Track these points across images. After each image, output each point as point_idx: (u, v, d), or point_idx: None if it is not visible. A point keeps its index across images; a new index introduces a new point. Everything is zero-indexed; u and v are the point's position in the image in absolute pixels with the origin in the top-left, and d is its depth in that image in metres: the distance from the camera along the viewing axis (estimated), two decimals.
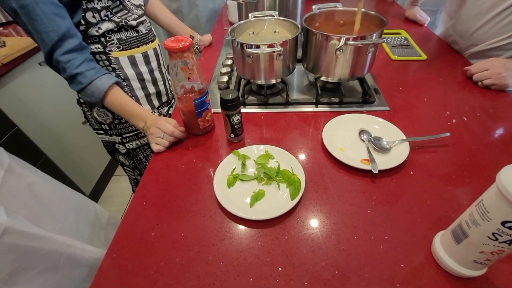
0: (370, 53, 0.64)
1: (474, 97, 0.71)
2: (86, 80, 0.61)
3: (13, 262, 0.55)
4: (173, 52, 0.52)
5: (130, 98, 0.67)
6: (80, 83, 0.61)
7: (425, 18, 1.10)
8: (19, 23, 0.57)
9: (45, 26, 0.56)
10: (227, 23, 1.25)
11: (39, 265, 0.59)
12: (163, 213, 0.49)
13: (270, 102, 0.73)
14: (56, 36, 0.57)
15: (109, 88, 0.63)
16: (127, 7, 0.70)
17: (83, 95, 0.64)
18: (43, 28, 0.56)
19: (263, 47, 0.63)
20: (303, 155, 0.58)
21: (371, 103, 0.71)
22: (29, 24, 0.56)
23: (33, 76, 1.17)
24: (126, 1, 0.70)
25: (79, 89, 0.62)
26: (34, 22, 0.55)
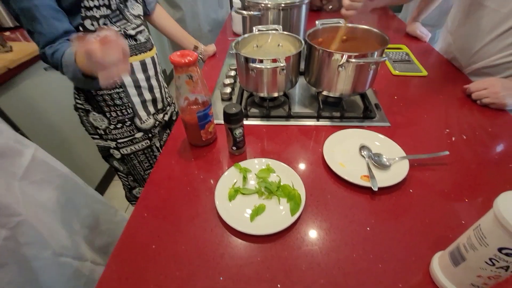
0: (372, 70, 0.66)
1: (474, 115, 0.72)
2: (60, 54, 0.59)
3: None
4: (179, 66, 0.53)
5: None
6: (59, 61, 0.60)
7: (426, 34, 1.12)
8: (20, 23, 0.59)
9: (44, 28, 0.58)
10: (231, 33, 1.27)
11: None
12: (164, 225, 0.49)
13: (272, 115, 0.74)
14: (53, 36, 0.59)
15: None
16: (126, 17, 0.72)
17: (68, 75, 0.62)
18: (42, 30, 0.58)
19: (267, 61, 0.64)
20: (304, 169, 0.59)
21: (371, 119, 0.71)
22: (29, 25, 0.58)
23: (38, 81, 1.18)
24: (126, 11, 0.72)
25: (62, 68, 0.60)
26: (34, 23, 0.58)
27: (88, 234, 0.76)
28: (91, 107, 0.76)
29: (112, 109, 0.76)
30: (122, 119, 0.79)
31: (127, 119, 0.79)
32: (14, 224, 0.55)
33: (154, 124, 0.86)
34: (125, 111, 0.78)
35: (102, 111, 0.76)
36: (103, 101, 0.75)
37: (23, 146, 0.64)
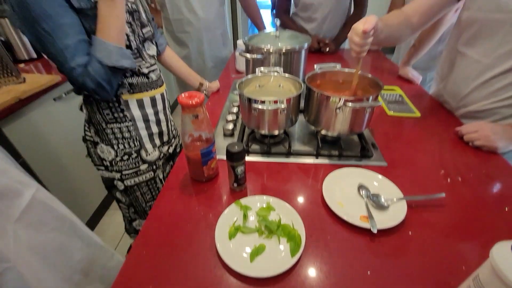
0: (368, 112, 0.69)
1: (467, 157, 0.75)
2: (93, 56, 0.60)
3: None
4: (187, 107, 0.56)
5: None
6: (95, 60, 0.60)
7: (417, 77, 1.19)
8: (42, 45, 0.58)
9: (69, 38, 0.57)
10: (234, 70, 1.35)
11: None
12: (163, 264, 0.49)
13: (272, 152, 0.76)
14: (80, 44, 0.59)
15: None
16: (143, 56, 0.77)
17: (109, 59, 0.61)
18: (68, 41, 0.57)
19: (269, 103, 0.68)
20: (304, 208, 0.60)
21: (369, 158, 0.74)
22: (53, 43, 0.57)
23: (46, 111, 1.22)
24: (143, 51, 0.77)
25: (102, 61, 0.60)
26: (59, 39, 0.57)
27: (79, 281, 0.73)
28: (99, 139, 0.79)
29: (120, 142, 0.79)
30: (129, 151, 0.81)
31: (134, 152, 0.81)
32: (1, 270, 0.53)
33: (159, 156, 0.88)
34: (132, 144, 0.80)
35: (110, 144, 0.78)
36: (112, 134, 0.77)
37: (24, 187, 0.63)
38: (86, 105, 0.75)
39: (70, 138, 1.34)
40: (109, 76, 0.63)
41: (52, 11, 0.55)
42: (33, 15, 0.54)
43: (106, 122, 0.76)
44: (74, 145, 1.34)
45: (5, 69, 1.13)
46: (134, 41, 0.71)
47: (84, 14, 0.59)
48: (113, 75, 0.64)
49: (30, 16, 0.54)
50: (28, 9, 0.53)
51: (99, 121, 0.76)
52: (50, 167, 1.26)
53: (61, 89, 1.27)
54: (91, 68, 0.60)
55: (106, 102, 0.73)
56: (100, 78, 0.61)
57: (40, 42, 0.58)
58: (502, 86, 0.75)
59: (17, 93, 1.08)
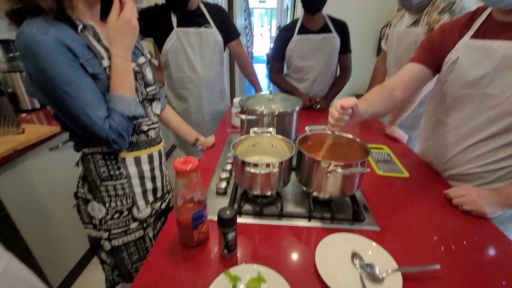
0: (358, 176, 0.72)
1: (458, 222, 0.75)
2: (112, 108, 0.65)
3: None
4: (181, 172, 0.57)
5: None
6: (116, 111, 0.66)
7: (403, 136, 1.25)
8: (62, 111, 0.63)
9: (89, 96, 0.62)
10: (230, 125, 1.41)
11: None
12: None
13: (264, 213, 0.76)
14: (100, 101, 0.65)
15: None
16: (148, 114, 0.80)
17: (129, 106, 0.67)
18: (88, 99, 0.62)
19: (261, 166, 0.70)
20: (296, 278, 0.57)
21: (361, 222, 0.74)
22: (75, 106, 0.61)
23: (40, 161, 1.22)
24: (149, 109, 0.81)
25: (122, 110, 0.66)
26: (81, 100, 0.61)
27: None
28: (92, 197, 0.78)
29: (112, 199, 0.78)
30: (121, 209, 0.79)
31: (125, 209, 0.80)
32: None
33: (151, 213, 0.86)
34: (124, 201, 0.79)
35: (102, 201, 0.77)
36: (106, 191, 0.77)
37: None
38: (84, 162, 0.76)
39: (59, 191, 1.32)
40: (128, 126, 0.69)
41: (73, 75, 0.60)
42: (55, 82, 0.58)
43: (101, 179, 0.76)
44: (61, 197, 1.33)
45: (6, 120, 1.17)
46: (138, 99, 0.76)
47: (96, 78, 0.65)
48: (131, 124, 0.70)
49: (52, 83, 0.58)
50: (50, 76, 0.57)
51: (94, 179, 0.76)
52: (33, 220, 1.21)
53: (59, 139, 1.29)
54: (112, 121, 0.65)
55: (103, 160, 0.74)
56: (121, 129, 0.66)
57: (61, 105, 0.61)
58: (483, 152, 0.79)
59: (14, 144, 1.09)
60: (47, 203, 1.26)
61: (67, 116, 0.63)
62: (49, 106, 0.64)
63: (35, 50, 0.55)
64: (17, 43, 0.57)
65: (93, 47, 0.64)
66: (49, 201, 1.27)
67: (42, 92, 0.61)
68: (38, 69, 0.57)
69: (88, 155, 0.74)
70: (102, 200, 0.77)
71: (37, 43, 0.55)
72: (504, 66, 0.71)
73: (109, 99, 0.65)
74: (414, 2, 1.18)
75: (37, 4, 0.57)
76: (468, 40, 0.79)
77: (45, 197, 1.25)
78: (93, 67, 0.63)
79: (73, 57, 0.60)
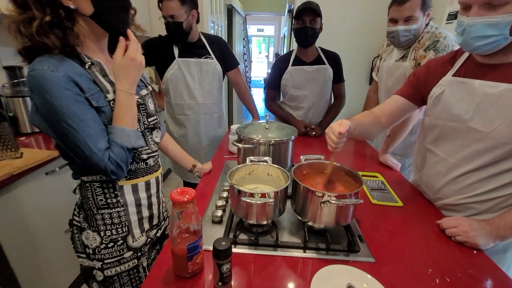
0: (352, 207, 0.73)
1: (452, 253, 0.76)
2: (113, 141, 0.68)
3: None
4: (178, 203, 0.58)
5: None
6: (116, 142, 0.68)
7: (396, 164, 1.28)
8: (65, 143, 0.65)
9: (92, 128, 0.65)
10: (227, 151, 1.43)
11: None
12: None
13: (260, 243, 0.76)
14: (102, 133, 0.67)
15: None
16: (148, 142, 0.82)
17: (129, 136, 0.70)
18: (91, 130, 0.64)
19: (257, 196, 0.71)
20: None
21: (356, 252, 0.74)
22: (77, 137, 0.63)
23: (36, 185, 1.22)
24: (149, 138, 0.84)
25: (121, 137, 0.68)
26: (83, 132, 0.63)
27: None
28: (87, 225, 0.77)
29: (107, 228, 0.77)
30: (115, 238, 0.78)
31: (120, 238, 0.79)
32: None
33: (146, 242, 0.85)
34: (120, 230, 0.79)
35: (97, 230, 0.77)
36: (102, 220, 0.76)
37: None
38: (82, 190, 0.77)
39: (51, 217, 1.30)
40: (127, 157, 0.71)
41: (77, 109, 0.62)
42: (60, 114, 0.61)
43: (98, 207, 0.76)
44: (52, 224, 1.31)
45: (6, 144, 1.18)
46: (139, 129, 0.78)
47: (100, 110, 0.68)
48: (130, 155, 0.72)
49: (57, 115, 0.61)
50: (56, 110, 0.60)
51: (91, 207, 0.76)
52: (22, 247, 1.18)
53: (56, 163, 1.30)
54: (112, 153, 0.67)
55: (101, 188, 0.75)
56: (120, 160, 0.68)
57: (63, 136, 0.63)
58: (472, 182, 0.82)
59: (11, 169, 1.09)
60: (37, 230, 1.24)
61: (69, 147, 0.65)
62: (51, 136, 0.66)
63: (45, 86, 0.59)
64: (28, 78, 0.60)
65: (99, 82, 0.68)
66: (40, 228, 1.25)
67: (46, 123, 0.64)
68: (46, 103, 0.60)
69: (87, 183, 0.75)
70: (97, 229, 0.76)
71: (47, 80, 0.59)
72: (485, 103, 0.76)
73: (110, 131, 0.68)
74: (401, 40, 1.27)
75: (45, 43, 0.61)
76: (451, 77, 0.85)
77: (37, 223, 1.23)
78: (98, 100, 0.66)
79: (80, 92, 0.63)
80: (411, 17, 1.21)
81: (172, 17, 1.38)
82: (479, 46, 0.72)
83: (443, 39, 1.20)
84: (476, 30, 0.70)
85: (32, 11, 0.59)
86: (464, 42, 0.75)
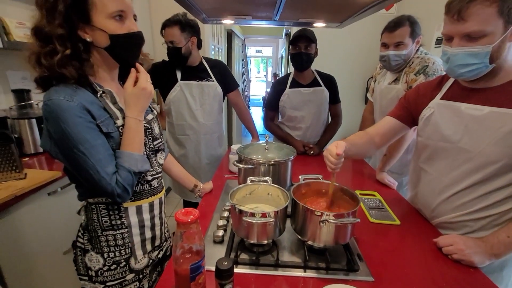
0: (350, 226, 0.75)
1: (450, 271, 0.77)
2: (121, 166, 0.71)
3: None
4: (182, 224, 0.61)
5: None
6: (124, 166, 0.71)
7: (393, 183, 1.31)
8: (74, 167, 0.68)
9: (101, 153, 0.68)
10: (227, 171, 1.46)
11: None
12: None
13: (261, 263, 0.77)
14: (110, 157, 0.70)
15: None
16: (152, 164, 0.85)
17: (137, 162, 0.73)
18: (100, 155, 0.67)
19: (258, 215, 0.73)
20: None
21: (355, 271, 0.75)
22: (86, 161, 0.66)
23: (38, 206, 1.23)
24: (153, 160, 0.86)
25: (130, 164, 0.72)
26: (92, 157, 0.66)
27: None
28: (91, 247, 0.78)
29: (111, 250, 0.78)
30: (118, 260, 0.79)
31: (123, 260, 0.80)
32: None
33: (147, 264, 0.86)
34: (123, 251, 0.80)
35: (101, 252, 0.78)
36: (106, 241, 0.78)
37: None
38: (87, 211, 0.78)
39: (50, 238, 1.30)
40: (134, 181, 0.73)
41: (88, 135, 0.66)
42: (72, 140, 0.64)
43: (102, 229, 0.77)
44: (52, 246, 1.31)
45: (11, 165, 1.20)
46: (145, 152, 0.82)
47: (109, 136, 0.72)
48: (136, 178, 0.75)
49: (69, 141, 0.64)
50: (69, 136, 0.64)
51: (95, 228, 0.77)
52: (20, 269, 1.17)
53: (58, 183, 1.32)
54: (119, 176, 0.70)
55: (106, 210, 0.77)
56: (127, 184, 0.71)
57: (74, 161, 0.66)
58: (465, 201, 0.85)
59: (15, 190, 1.11)
60: (36, 251, 1.23)
61: (78, 171, 0.68)
62: (61, 161, 0.69)
63: (60, 115, 0.63)
64: (44, 107, 0.64)
65: (109, 109, 0.72)
66: (39, 249, 1.24)
67: (57, 148, 0.67)
68: (59, 130, 0.64)
69: (92, 204, 0.77)
70: (101, 251, 0.77)
71: (62, 109, 0.63)
72: (472, 124, 0.81)
73: (119, 156, 0.71)
74: (392, 64, 1.35)
75: (62, 73, 0.66)
76: (439, 100, 0.90)
77: (36, 245, 1.23)
78: (108, 126, 0.70)
79: (91, 119, 0.67)
80: (401, 43, 1.30)
81: (172, 43, 1.48)
82: (463, 73, 0.78)
83: (432, 64, 1.28)
84: (459, 59, 0.76)
85: (55, 45, 0.64)
86: (449, 69, 0.81)
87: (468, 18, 0.71)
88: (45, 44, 0.64)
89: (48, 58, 0.64)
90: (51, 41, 0.64)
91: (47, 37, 0.64)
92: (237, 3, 0.99)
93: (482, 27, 0.71)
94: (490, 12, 0.69)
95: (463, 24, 0.73)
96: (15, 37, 1.41)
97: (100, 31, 0.67)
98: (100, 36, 0.68)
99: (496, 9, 0.69)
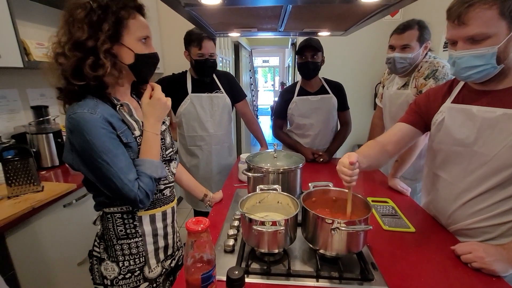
0: (362, 233, 0.74)
1: (470, 280, 0.73)
2: (141, 173, 0.75)
3: None
4: (193, 233, 0.61)
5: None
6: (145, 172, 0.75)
7: (406, 189, 1.28)
8: (98, 177, 0.71)
9: (122, 161, 0.71)
10: (237, 180, 1.46)
11: None
12: None
13: (272, 272, 0.76)
14: (131, 166, 0.74)
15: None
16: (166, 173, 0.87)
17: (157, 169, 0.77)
18: (121, 163, 0.71)
19: (268, 224, 0.73)
20: None
21: (370, 281, 0.73)
22: (109, 171, 0.69)
23: (54, 218, 1.26)
24: (166, 169, 0.88)
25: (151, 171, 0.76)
26: (115, 166, 0.70)
27: None
28: (107, 256, 0.80)
29: (126, 258, 0.80)
30: (133, 268, 0.81)
31: (137, 269, 0.81)
32: None
33: (161, 273, 0.87)
34: (137, 260, 0.81)
35: (116, 260, 0.80)
36: (121, 250, 0.79)
37: None
38: (103, 221, 0.81)
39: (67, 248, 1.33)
40: (154, 187, 0.77)
41: (111, 145, 0.70)
42: (96, 151, 0.68)
43: (118, 238, 0.79)
44: (67, 256, 1.34)
45: (30, 178, 1.25)
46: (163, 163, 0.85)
47: (128, 146, 0.76)
48: (155, 185, 0.78)
49: (93, 152, 0.68)
50: (93, 147, 0.68)
51: (111, 237, 0.79)
52: (38, 279, 1.20)
53: (73, 195, 1.36)
54: (141, 182, 0.74)
55: (121, 219, 0.79)
56: (148, 189, 0.74)
57: (97, 171, 0.70)
58: (483, 207, 0.82)
59: (33, 202, 1.15)
60: (52, 262, 1.26)
61: (101, 180, 0.71)
62: (83, 172, 0.73)
63: (84, 126, 0.67)
64: (69, 120, 0.68)
65: (127, 121, 0.77)
66: (55, 260, 1.27)
67: (79, 160, 0.71)
68: (84, 141, 0.67)
69: (108, 214, 0.79)
70: (116, 259, 0.79)
71: (87, 121, 0.67)
72: (486, 127, 0.79)
73: (139, 163, 0.75)
74: (397, 66, 1.35)
75: (103, 81, 0.72)
76: (450, 104, 0.89)
77: (52, 255, 1.26)
78: (127, 137, 0.75)
79: (112, 130, 0.71)
80: (408, 45, 1.29)
81: (211, 55, 1.57)
82: (470, 75, 0.77)
83: (441, 68, 1.26)
84: (464, 62, 0.76)
85: (99, 58, 0.69)
86: (456, 72, 0.80)
87: (469, 22, 0.71)
88: (85, 57, 0.68)
89: (92, 68, 0.69)
90: (94, 53, 0.69)
91: (90, 50, 0.69)
92: (243, 17, 1.02)
93: (484, 30, 0.70)
94: (490, 14, 0.69)
95: (465, 28, 0.73)
96: (34, 57, 1.49)
97: (128, 50, 0.74)
98: (126, 54, 0.74)
99: (497, 11, 0.68)
